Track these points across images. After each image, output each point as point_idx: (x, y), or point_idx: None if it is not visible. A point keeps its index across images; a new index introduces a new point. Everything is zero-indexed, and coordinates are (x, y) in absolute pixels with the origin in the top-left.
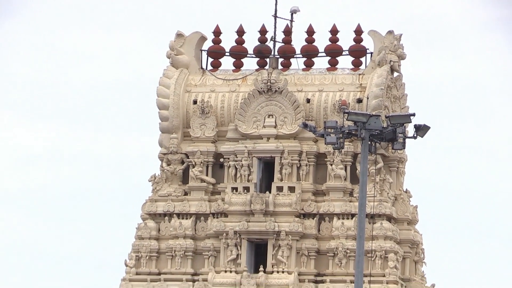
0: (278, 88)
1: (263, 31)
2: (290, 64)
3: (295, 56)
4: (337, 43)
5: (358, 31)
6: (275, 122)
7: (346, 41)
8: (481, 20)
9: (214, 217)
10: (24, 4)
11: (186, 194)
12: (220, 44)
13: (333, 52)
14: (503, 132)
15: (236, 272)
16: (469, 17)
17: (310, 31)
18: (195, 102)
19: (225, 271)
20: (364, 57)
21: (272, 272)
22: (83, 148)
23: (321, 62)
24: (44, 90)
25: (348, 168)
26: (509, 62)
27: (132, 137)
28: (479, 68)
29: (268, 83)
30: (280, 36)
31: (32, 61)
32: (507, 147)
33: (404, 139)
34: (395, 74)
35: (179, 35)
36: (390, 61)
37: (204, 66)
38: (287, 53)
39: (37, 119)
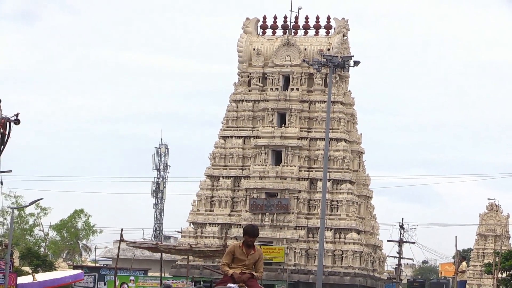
0: (292, 44)
1: (285, 17)
2: (297, 33)
3: (299, 29)
4: (319, 23)
5: (328, 18)
6: (290, 59)
7: (323, 22)
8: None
9: (262, 102)
10: None
11: (249, 91)
12: (266, 23)
13: (317, 27)
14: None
15: (271, 127)
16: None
17: (306, 18)
18: (254, 49)
19: (269, 127)
20: (331, 30)
21: (287, 127)
22: (197, 70)
23: (311, 32)
24: (170, 35)
25: (323, 79)
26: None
27: (223, 64)
28: (391, 33)
29: (287, 41)
30: (292, 20)
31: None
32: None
33: (348, 67)
34: (345, 37)
35: (247, 18)
36: (343, 31)
37: (258, 33)
38: (296, 28)
39: (167, 54)
